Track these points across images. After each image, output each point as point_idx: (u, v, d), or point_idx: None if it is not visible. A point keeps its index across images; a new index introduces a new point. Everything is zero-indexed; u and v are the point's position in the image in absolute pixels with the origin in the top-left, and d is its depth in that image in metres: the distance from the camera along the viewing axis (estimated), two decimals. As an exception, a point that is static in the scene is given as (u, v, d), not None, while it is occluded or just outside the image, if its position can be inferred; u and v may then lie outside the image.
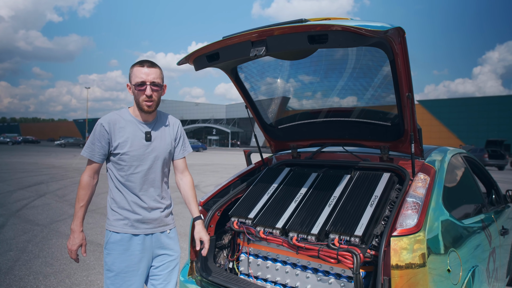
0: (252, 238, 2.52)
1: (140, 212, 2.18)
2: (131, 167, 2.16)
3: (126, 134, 2.16)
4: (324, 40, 1.93)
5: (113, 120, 2.16)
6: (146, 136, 2.20)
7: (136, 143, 2.17)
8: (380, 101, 2.64)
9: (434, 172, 2.37)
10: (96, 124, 2.17)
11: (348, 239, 2.13)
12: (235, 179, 3.05)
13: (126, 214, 2.17)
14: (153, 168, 2.23)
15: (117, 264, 2.15)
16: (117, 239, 2.16)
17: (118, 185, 2.19)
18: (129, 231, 2.16)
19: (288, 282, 2.39)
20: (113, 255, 2.15)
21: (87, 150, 2.16)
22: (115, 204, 2.19)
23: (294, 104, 3.14)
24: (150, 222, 2.22)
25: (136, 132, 2.18)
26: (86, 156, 2.16)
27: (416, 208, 2.05)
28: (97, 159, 2.16)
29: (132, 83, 2.15)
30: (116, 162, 2.17)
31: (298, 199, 2.56)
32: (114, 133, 2.14)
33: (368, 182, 2.45)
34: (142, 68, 2.13)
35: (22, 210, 7.91)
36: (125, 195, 2.18)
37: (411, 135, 2.33)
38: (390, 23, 1.81)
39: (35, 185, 11.81)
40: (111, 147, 2.15)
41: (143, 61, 2.17)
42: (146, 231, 2.21)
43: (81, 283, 4.10)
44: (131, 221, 2.17)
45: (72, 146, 55.11)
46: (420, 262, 1.89)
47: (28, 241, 5.64)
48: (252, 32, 2.10)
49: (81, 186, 2.17)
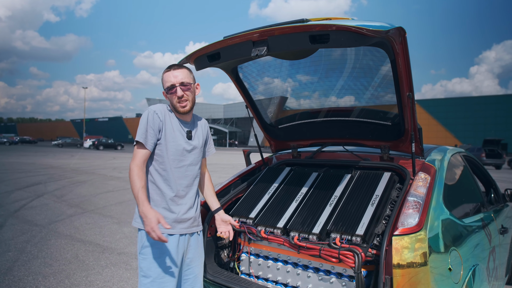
0: (253, 238, 2.52)
1: (177, 210, 2.17)
2: (174, 160, 2.17)
3: (173, 128, 2.19)
4: (326, 40, 1.93)
5: (163, 110, 2.20)
6: (188, 134, 2.25)
7: (180, 138, 2.21)
8: (380, 101, 2.64)
9: (435, 171, 2.38)
10: (147, 112, 2.16)
11: (350, 238, 2.13)
12: (236, 179, 3.05)
13: (163, 212, 2.13)
14: (192, 165, 2.26)
15: (153, 269, 2.09)
16: (153, 241, 2.08)
17: (157, 180, 2.16)
18: (165, 231, 2.09)
19: (289, 281, 2.40)
20: (149, 259, 2.10)
21: (141, 136, 2.10)
22: (152, 202, 2.14)
23: (294, 104, 3.14)
24: (186, 221, 2.21)
25: (180, 128, 2.23)
26: (141, 140, 2.09)
27: (417, 207, 2.06)
28: (150, 146, 2.11)
29: (164, 88, 2.21)
30: (159, 154, 2.16)
31: (299, 199, 2.56)
32: (165, 123, 2.16)
33: (369, 182, 2.46)
34: (170, 72, 2.19)
35: (20, 210, 7.88)
36: (163, 191, 2.15)
37: (411, 134, 2.34)
38: (390, 23, 1.82)
39: (33, 185, 11.78)
40: (160, 135, 2.14)
41: (170, 66, 2.23)
42: (182, 231, 2.18)
43: (80, 283, 4.10)
44: (168, 220, 2.12)
45: (69, 146, 54.98)
46: (422, 261, 1.89)
47: (26, 241, 5.63)
48: (253, 32, 2.10)
49: (134, 171, 2.05)
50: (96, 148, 48.00)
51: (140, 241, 2.14)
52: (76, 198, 9.54)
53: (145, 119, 2.14)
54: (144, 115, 2.16)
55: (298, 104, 3.11)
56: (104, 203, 9.02)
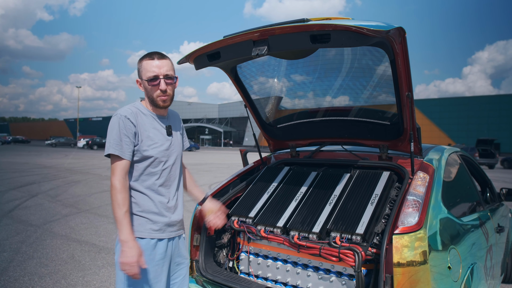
0: (252, 237, 2.52)
1: (167, 213, 2.04)
2: (159, 163, 2.01)
3: (149, 128, 2.01)
4: (327, 40, 1.94)
5: (134, 112, 1.98)
6: (168, 130, 2.09)
7: (160, 137, 2.04)
8: (379, 100, 2.66)
9: (433, 170, 2.40)
10: (116, 118, 1.93)
11: (350, 237, 2.14)
12: (234, 178, 3.05)
13: (153, 217, 1.99)
14: (176, 163, 2.12)
15: (143, 276, 1.94)
16: (144, 248, 1.94)
17: (141, 186, 1.99)
18: (155, 236, 1.98)
19: (289, 280, 2.40)
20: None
21: (116, 148, 1.89)
22: (138, 207, 1.98)
23: (293, 103, 3.15)
24: (175, 224, 2.09)
25: (157, 126, 2.05)
26: (116, 153, 1.89)
27: (417, 206, 2.07)
28: (127, 156, 1.92)
29: (144, 78, 1.99)
30: (141, 159, 1.98)
31: (298, 198, 2.57)
32: (139, 126, 1.96)
33: (368, 181, 2.47)
34: (153, 61, 1.98)
35: (14, 210, 7.82)
36: (151, 196, 2.00)
37: (410, 134, 2.35)
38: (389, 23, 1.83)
39: (27, 185, 11.68)
40: (137, 141, 1.95)
41: (152, 53, 2.02)
42: (171, 235, 2.07)
43: (77, 283, 4.07)
44: (159, 225, 2.00)
45: (63, 146, 54.63)
46: (422, 259, 1.90)
47: (21, 241, 5.59)
48: (254, 31, 2.10)
49: (117, 190, 1.87)
50: (90, 147, 47.71)
51: None
52: (70, 198, 9.48)
53: (116, 126, 1.91)
54: (114, 122, 1.93)
55: (297, 103, 3.11)
56: (99, 202, 8.97)
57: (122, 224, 1.85)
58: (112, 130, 1.93)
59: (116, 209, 1.86)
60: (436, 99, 54.53)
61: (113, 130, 1.92)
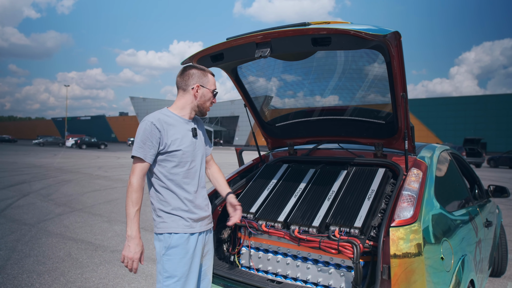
0: (254, 232, 2.61)
1: (196, 210, 2.18)
2: (186, 163, 2.16)
3: (177, 132, 2.15)
4: (327, 43, 2.04)
5: (162, 118, 2.13)
6: (193, 132, 2.24)
7: (187, 139, 2.19)
8: (375, 100, 2.77)
9: (426, 167, 2.52)
10: (144, 123, 2.10)
11: (348, 230, 2.25)
12: (235, 175, 3.14)
13: (184, 214, 2.14)
14: (201, 163, 2.28)
15: (179, 269, 2.10)
16: (179, 241, 2.11)
17: (169, 185, 2.13)
18: (188, 231, 2.14)
19: (289, 273, 2.50)
20: (174, 260, 2.10)
21: (139, 151, 2.06)
22: (169, 206, 2.13)
23: (291, 103, 3.24)
24: (204, 219, 2.24)
25: (185, 129, 2.20)
26: (140, 155, 2.05)
27: (412, 201, 2.19)
28: (149, 159, 2.08)
29: (210, 88, 2.24)
30: (169, 160, 2.12)
31: (297, 194, 2.67)
32: (165, 131, 2.10)
33: (365, 177, 2.58)
34: (214, 78, 2.28)
35: (6, 210, 7.78)
36: (180, 194, 2.14)
37: (405, 132, 2.47)
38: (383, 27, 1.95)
39: (17, 184, 11.60)
40: (162, 145, 2.10)
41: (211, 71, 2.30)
42: (201, 229, 2.21)
43: (76, 280, 4.12)
44: (189, 221, 2.15)
45: (51, 145, 54.00)
46: (416, 251, 2.02)
47: (16, 240, 5.59)
48: (257, 34, 2.20)
49: (134, 188, 2.03)
50: (79, 147, 47.27)
51: (164, 243, 2.12)
52: (63, 197, 9.46)
53: (142, 131, 2.09)
54: (141, 127, 2.10)
55: (296, 103, 3.21)
56: (92, 202, 8.97)
57: (133, 222, 2.02)
58: (138, 134, 2.10)
59: (129, 206, 2.02)
60: (424, 99, 55.22)
61: (139, 134, 2.10)
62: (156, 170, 2.14)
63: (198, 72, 2.22)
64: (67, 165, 19.91)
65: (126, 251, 2.00)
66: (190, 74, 2.21)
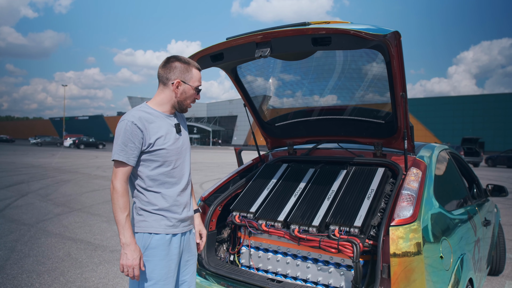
0: (254, 231, 2.62)
1: (180, 210, 2.07)
2: (171, 162, 2.03)
3: (160, 129, 2.01)
4: (328, 43, 2.05)
5: (143, 116, 1.97)
6: (177, 128, 2.09)
7: (171, 136, 2.04)
8: (374, 100, 2.78)
9: (425, 166, 2.53)
10: (123, 123, 1.93)
11: (348, 230, 2.26)
12: (234, 175, 3.15)
13: (167, 214, 2.02)
14: (186, 160, 2.15)
15: (157, 271, 1.97)
16: (159, 243, 1.98)
17: (154, 185, 2.00)
18: (170, 231, 2.01)
19: (289, 272, 2.51)
20: (153, 261, 1.97)
21: (121, 154, 1.90)
22: (151, 206, 2.00)
23: (291, 102, 3.25)
24: (187, 220, 2.13)
25: (167, 125, 2.05)
26: (122, 159, 1.90)
27: (411, 200, 2.20)
28: (132, 161, 1.93)
29: (193, 85, 2.06)
30: (153, 160, 1.98)
31: (297, 194, 2.68)
32: (147, 130, 1.95)
33: (364, 177, 2.59)
34: (199, 73, 2.09)
35: (5, 210, 7.77)
36: (164, 193, 2.02)
37: (404, 132, 2.48)
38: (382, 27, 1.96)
39: (15, 184, 11.57)
40: (145, 145, 1.96)
41: (196, 64, 2.11)
42: (184, 229, 2.10)
43: (76, 280, 4.12)
44: (172, 221, 2.03)
45: (49, 145, 53.91)
46: (416, 250, 2.03)
47: (16, 240, 5.58)
48: (257, 34, 2.21)
49: (120, 193, 1.89)
50: (77, 147, 47.20)
51: (143, 243, 1.98)
52: (61, 197, 9.44)
53: (122, 132, 1.92)
54: (121, 127, 1.93)
55: (295, 102, 3.22)
56: (91, 202, 8.96)
57: (124, 228, 1.88)
58: (118, 136, 1.94)
59: (118, 213, 1.89)
60: (422, 99, 55.31)
61: (119, 136, 1.93)
62: (139, 171, 2.00)
63: (181, 65, 2.03)
64: (65, 165, 19.88)
65: (124, 259, 1.87)
66: (172, 67, 2.03)
